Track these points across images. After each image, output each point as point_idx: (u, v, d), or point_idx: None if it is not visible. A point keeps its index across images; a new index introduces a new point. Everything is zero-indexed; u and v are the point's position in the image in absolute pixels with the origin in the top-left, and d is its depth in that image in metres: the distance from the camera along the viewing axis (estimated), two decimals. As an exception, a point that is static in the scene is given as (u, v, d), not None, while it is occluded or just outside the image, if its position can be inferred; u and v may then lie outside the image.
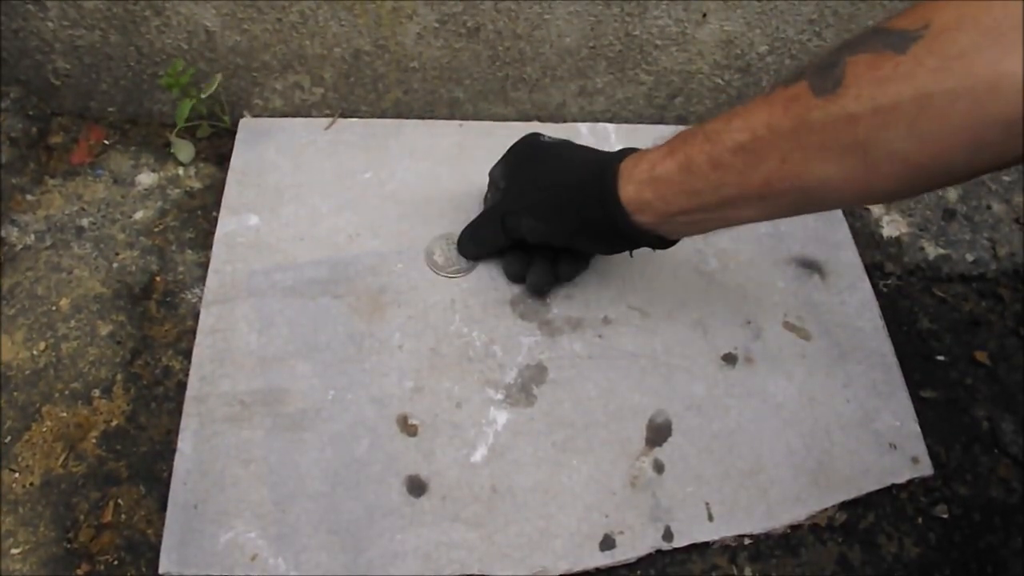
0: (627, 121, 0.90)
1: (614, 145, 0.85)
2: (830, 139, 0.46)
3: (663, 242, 0.62)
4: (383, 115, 0.87)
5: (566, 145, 0.69)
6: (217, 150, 0.83)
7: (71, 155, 0.81)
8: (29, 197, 0.77)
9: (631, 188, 0.58)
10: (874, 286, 0.80)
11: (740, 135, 0.50)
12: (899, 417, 0.72)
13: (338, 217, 0.77)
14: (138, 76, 0.81)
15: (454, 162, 0.83)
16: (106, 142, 0.83)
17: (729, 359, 0.73)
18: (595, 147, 0.85)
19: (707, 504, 0.65)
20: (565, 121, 0.89)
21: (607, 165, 0.60)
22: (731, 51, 0.85)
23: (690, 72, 0.87)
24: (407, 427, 0.65)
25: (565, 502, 0.64)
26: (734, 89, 0.89)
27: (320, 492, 0.62)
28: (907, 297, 0.82)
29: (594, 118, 0.90)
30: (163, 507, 0.60)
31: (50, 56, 0.79)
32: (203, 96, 0.78)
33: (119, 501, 0.62)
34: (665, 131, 0.87)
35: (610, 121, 0.90)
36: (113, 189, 0.79)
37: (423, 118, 0.87)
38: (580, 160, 0.65)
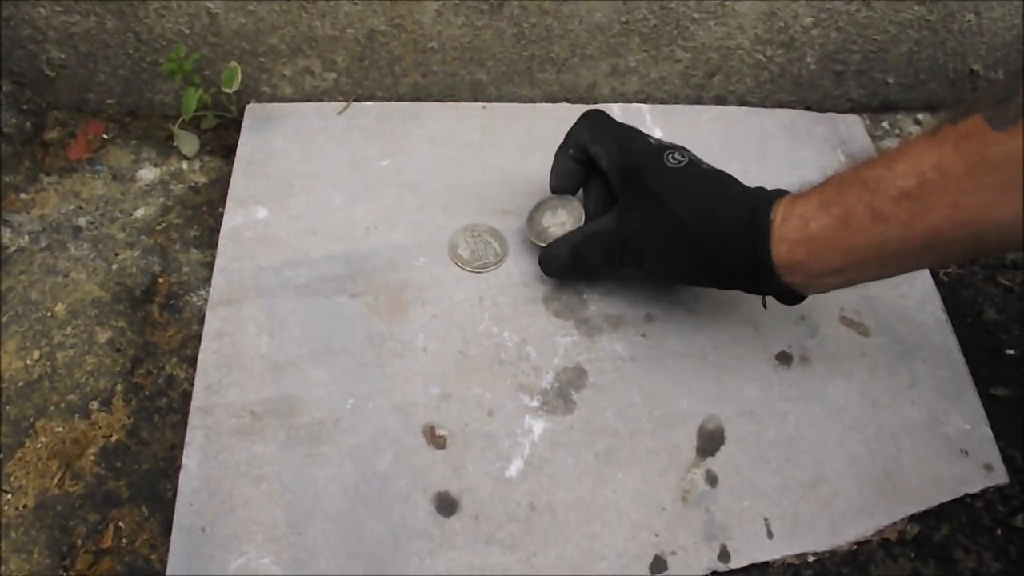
0: (662, 102, 0.85)
1: (650, 127, 0.81)
2: (1012, 177, 0.42)
3: (795, 297, 0.58)
4: (400, 100, 0.82)
5: (696, 173, 0.60)
6: (223, 142, 0.79)
7: (68, 151, 0.77)
8: (23, 196, 0.73)
9: (783, 249, 0.53)
10: (934, 275, 0.75)
11: (905, 180, 0.47)
12: (969, 420, 0.66)
13: (353, 208, 0.72)
14: (137, 65, 0.76)
15: (478, 147, 0.78)
16: (105, 136, 0.78)
17: (783, 358, 0.68)
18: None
19: (766, 519, 0.60)
20: (596, 102, 0.84)
21: (756, 221, 0.54)
22: (774, 24, 0.79)
23: (729, 48, 0.81)
24: (434, 438, 0.61)
25: (610, 520, 0.59)
26: (776, 66, 0.84)
27: (339, 512, 0.57)
28: (970, 287, 0.77)
29: (627, 99, 0.84)
30: (167, 530, 0.56)
31: (44, 45, 0.74)
32: (227, 91, 0.74)
33: (120, 524, 0.57)
34: (704, 112, 0.85)
35: (644, 102, 0.85)
36: (112, 186, 0.74)
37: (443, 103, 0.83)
38: (719, 206, 0.57)
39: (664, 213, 0.58)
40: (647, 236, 0.59)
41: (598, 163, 0.65)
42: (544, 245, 0.66)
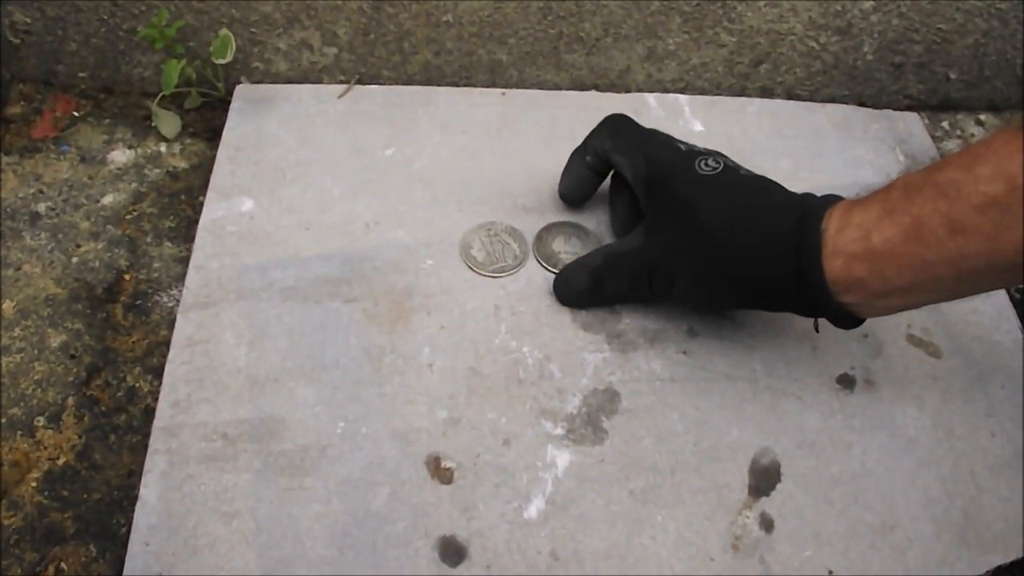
0: (702, 92, 0.79)
1: (689, 120, 0.76)
2: None
3: (851, 320, 0.53)
4: (409, 81, 0.77)
5: (733, 179, 0.56)
6: (208, 124, 0.74)
7: (32, 128, 0.71)
8: (-23, 178, 0.68)
9: (838, 263, 0.48)
10: (1007, 290, 0.69)
11: (990, 186, 0.42)
12: (1057, 455, 0.61)
13: (353, 202, 0.68)
14: (113, 33, 0.71)
15: (496, 137, 0.74)
16: (75, 113, 0.73)
17: (845, 382, 0.61)
18: (666, 121, 0.76)
19: (830, 572, 0.54)
20: (629, 91, 0.78)
21: (805, 229, 0.50)
22: (830, 7, 0.73)
23: (780, 33, 0.75)
24: (439, 472, 0.55)
25: (648, 572, 0.52)
26: (830, 55, 0.77)
27: (324, 559, 0.51)
28: (1046, 303, 0.71)
29: (663, 87, 0.78)
30: (118, 574, 0.50)
31: (6, 7, 0.69)
32: (218, 62, 0.68)
33: (62, 565, 0.52)
34: (748, 105, 0.79)
35: (682, 91, 0.79)
36: (79, 168, 0.69)
37: (458, 85, 0.78)
38: (759, 214, 0.53)
39: (695, 225, 0.54)
40: (676, 254, 0.56)
41: (623, 175, 0.61)
42: (555, 271, 0.63)
